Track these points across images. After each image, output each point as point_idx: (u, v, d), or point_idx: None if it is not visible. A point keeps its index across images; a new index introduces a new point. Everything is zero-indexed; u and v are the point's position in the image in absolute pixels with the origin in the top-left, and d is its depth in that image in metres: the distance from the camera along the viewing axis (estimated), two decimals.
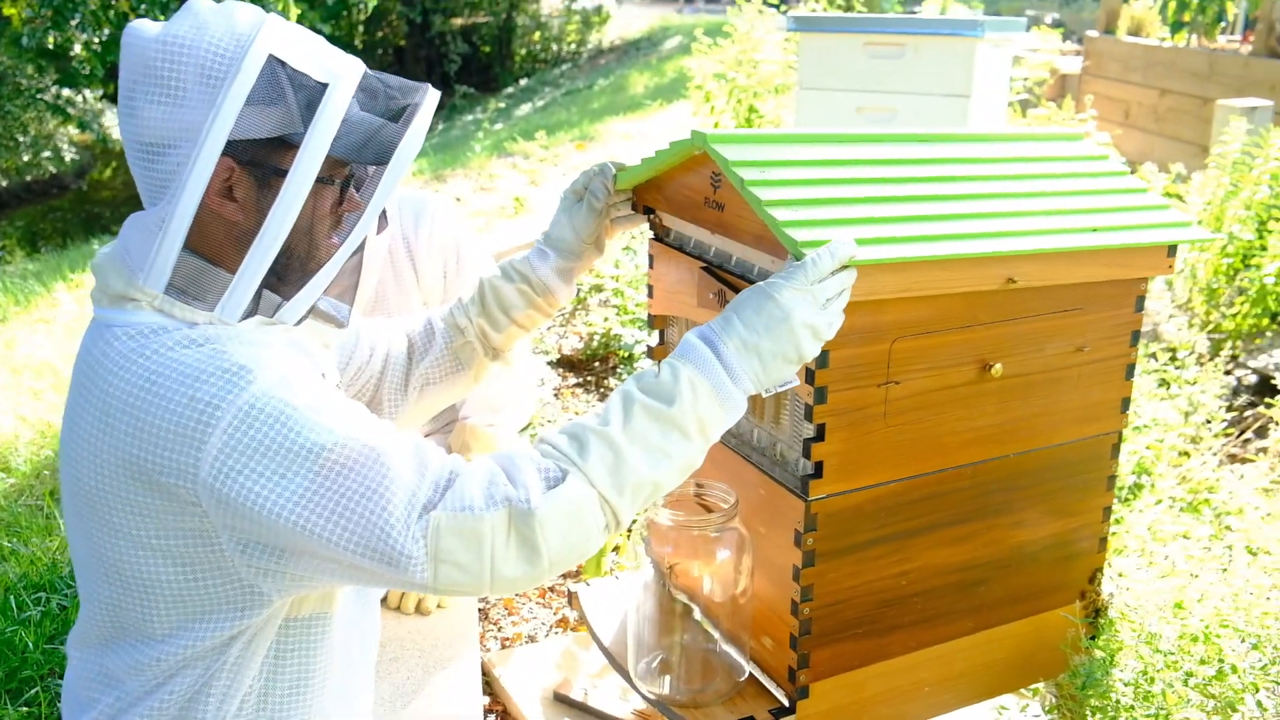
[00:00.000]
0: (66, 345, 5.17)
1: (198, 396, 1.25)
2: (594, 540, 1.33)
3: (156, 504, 1.29)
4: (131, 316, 1.32)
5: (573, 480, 1.30)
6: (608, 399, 1.40)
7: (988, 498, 1.80)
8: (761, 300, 1.41)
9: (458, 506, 1.26)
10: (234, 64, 1.27)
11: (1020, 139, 1.96)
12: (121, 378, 1.29)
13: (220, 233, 1.33)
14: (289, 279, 1.36)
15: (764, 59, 7.16)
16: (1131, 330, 1.85)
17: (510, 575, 1.28)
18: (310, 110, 1.29)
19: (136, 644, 1.38)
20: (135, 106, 1.29)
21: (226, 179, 1.30)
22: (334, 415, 1.28)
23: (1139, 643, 1.84)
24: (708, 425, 1.38)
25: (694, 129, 1.65)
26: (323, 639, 1.46)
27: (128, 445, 1.28)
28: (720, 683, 1.78)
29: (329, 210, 1.38)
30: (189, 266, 1.32)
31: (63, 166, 14.08)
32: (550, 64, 19.12)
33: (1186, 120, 6.73)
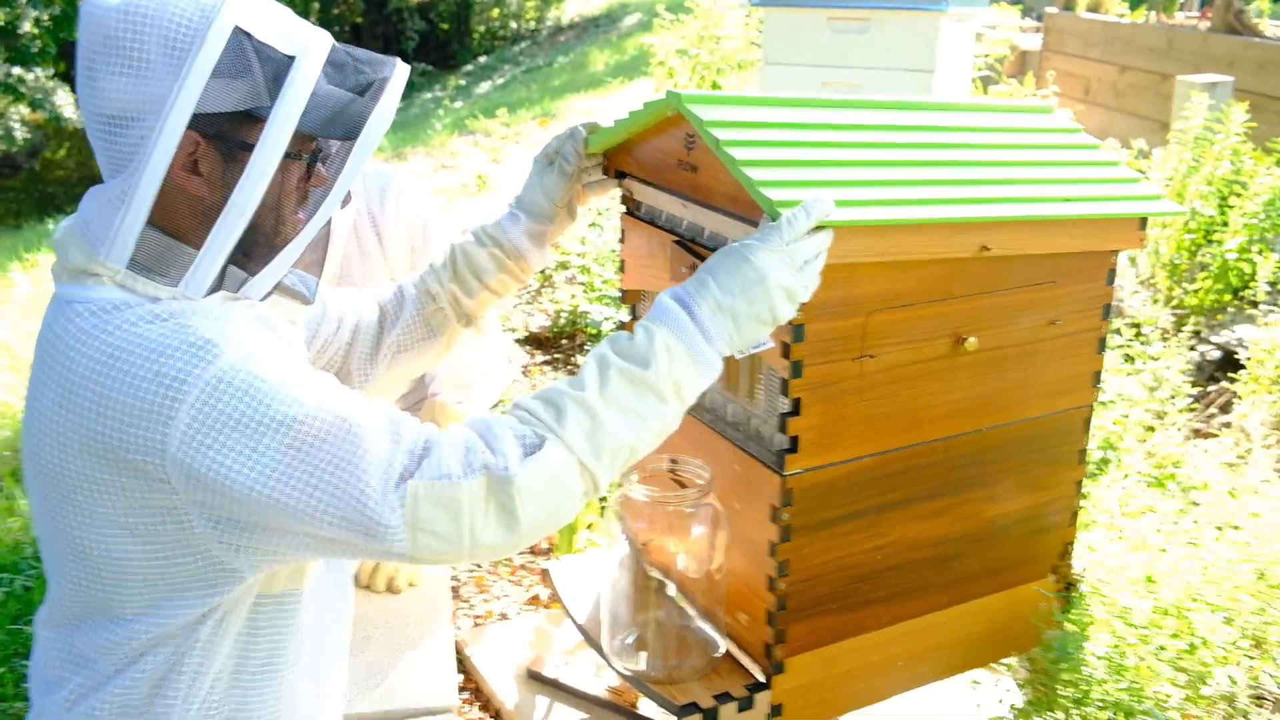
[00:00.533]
0: (22, 325, 5.07)
1: (163, 372, 1.22)
2: (572, 506, 1.31)
3: (123, 481, 1.26)
4: (92, 292, 1.28)
5: (550, 446, 1.28)
6: (583, 363, 1.39)
7: (961, 472, 1.80)
8: (736, 261, 1.40)
9: (435, 474, 1.24)
10: (199, 35, 1.23)
11: (993, 110, 1.95)
12: (83, 354, 1.26)
13: (184, 208, 1.29)
14: (255, 254, 1.32)
15: (726, 35, 7.14)
16: (1103, 304, 1.86)
17: (489, 542, 1.27)
18: (277, 83, 1.26)
19: (106, 623, 1.35)
20: (96, 78, 1.25)
21: (192, 153, 1.27)
22: (304, 387, 1.25)
23: (1111, 617, 1.85)
24: (683, 387, 1.36)
25: (669, 89, 1.63)
26: (294, 616, 1.44)
27: (92, 423, 1.24)
28: (696, 659, 1.77)
29: (296, 185, 1.35)
30: (152, 242, 1.28)
31: (15, 146, 13.82)
32: (509, 41, 18.97)
33: (1146, 96, 6.77)
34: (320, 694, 1.52)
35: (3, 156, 13.82)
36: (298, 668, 1.45)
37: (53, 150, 15.07)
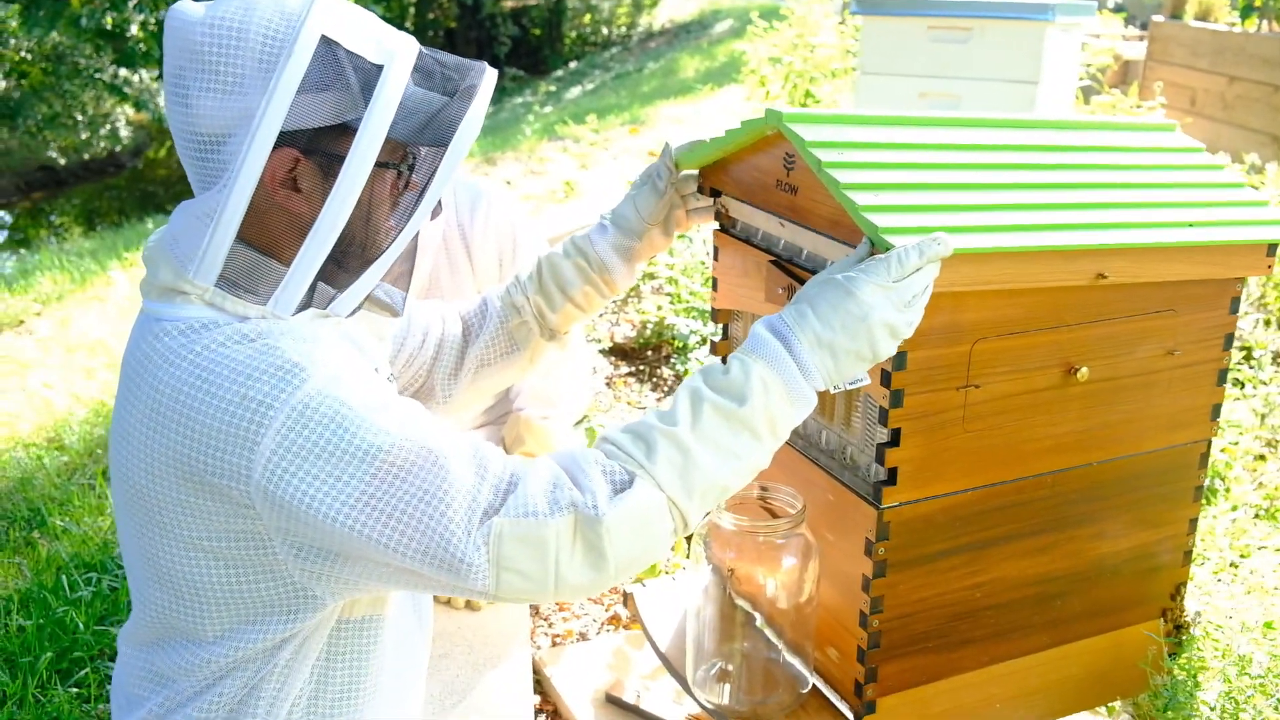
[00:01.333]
0: (120, 324, 5.18)
1: (250, 395, 1.20)
2: (662, 545, 1.28)
3: (207, 505, 1.24)
4: (181, 310, 1.27)
5: (640, 484, 1.25)
6: (674, 395, 1.34)
7: (1068, 508, 1.71)
8: (839, 295, 1.34)
9: (521, 512, 1.22)
10: (286, 46, 1.20)
11: (1108, 127, 1.86)
12: (171, 374, 1.24)
13: (275, 223, 1.27)
14: (346, 267, 1.30)
15: (820, 42, 7.04)
16: (1224, 333, 1.75)
17: (575, 583, 1.24)
18: (367, 92, 1.23)
19: (186, 644, 1.34)
20: (187, 95, 1.22)
21: (291, 170, 1.24)
22: (390, 415, 1.23)
23: (1225, 663, 1.75)
24: (778, 424, 1.32)
25: (768, 107, 1.58)
26: (374, 642, 1.42)
27: (178, 444, 1.23)
28: (782, 694, 1.71)
29: (387, 195, 1.32)
30: (241, 258, 1.26)
31: (120, 145, 14.22)
32: (600, 47, 19.05)
33: (1256, 108, 6.53)
34: (398, 713, 1.50)
35: (108, 156, 14.22)
36: (377, 694, 1.43)
37: (155, 150, 15.47)
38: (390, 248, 1.30)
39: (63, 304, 5.63)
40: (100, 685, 2.41)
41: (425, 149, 1.32)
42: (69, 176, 13.60)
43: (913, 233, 1.41)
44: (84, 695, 2.39)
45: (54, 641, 2.51)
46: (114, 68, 12.82)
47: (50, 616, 2.58)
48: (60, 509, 3.23)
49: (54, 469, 3.54)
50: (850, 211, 1.44)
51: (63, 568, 2.82)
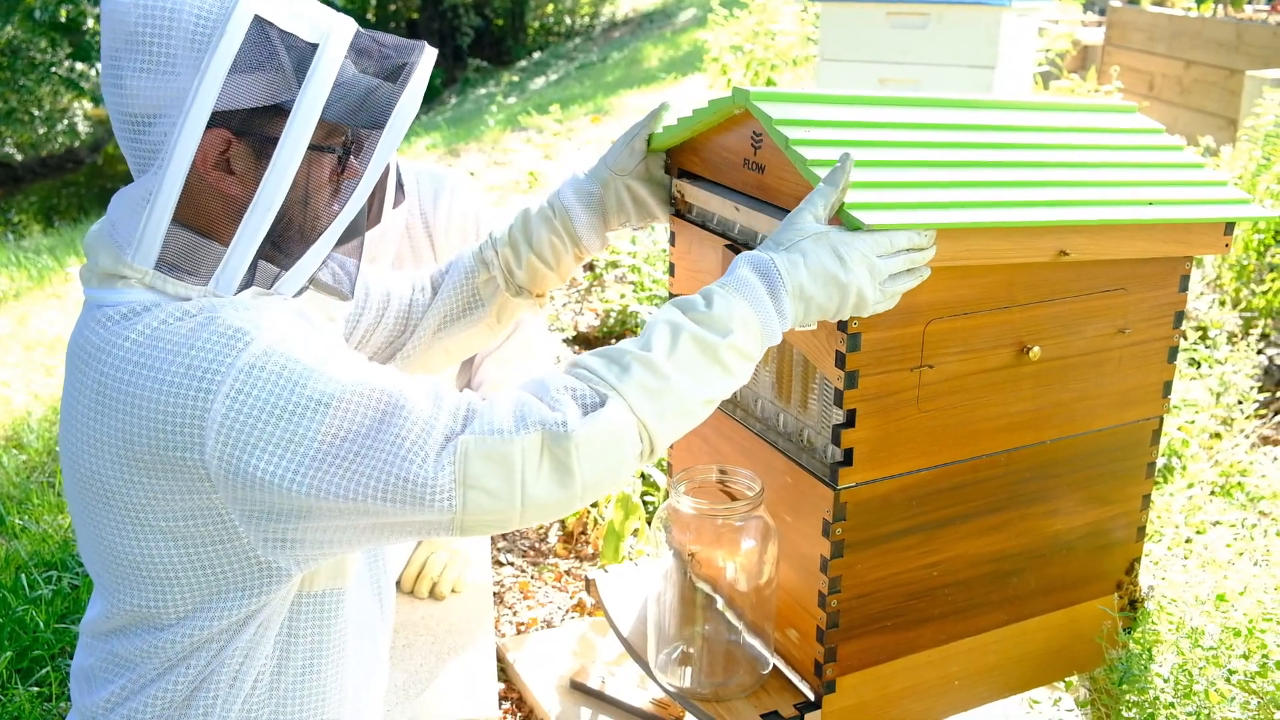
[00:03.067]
0: None
1: (195, 364, 1.19)
2: (628, 466, 1.28)
3: (160, 485, 1.23)
4: (121, 295, 1.26)
5: (612, 404, 1.25)
6: (648, 324, 1.33)
7: (1022, 486, 1.73)
8: (831, 258, 1.36)
9: (486, 430, 1.21)
10: (219, 26, 1.19)
11: (1069, 109, 1.88)
12: (114, 356, 1.23)
13: (213, 205, 1.26)
14: (287, 249, 1.30)
15: (781, 30, 7.05)
16: (1175, 311, 1.78)
17: (543, 501, 1.23)
18: (301, 72, 1.22)
19: (148, 629, 1.33)
20: (120, 76, 1.22)
21: (224, 151, 1.24)
22: (339, 363, 1.22)
23: (1178, 636, 1.78)
24: (746, 360, 1.34)
25: (736, 86, 1.58)
26: (335, 616, 1.41)
27: (127, 426, 1.22)
28: (743, 676, 1.72)
29: (328, 178, 1.31)
30: (179, 240, 1.26)
31: (78, 140, 14.06)
32: (564, 37, 18.98)
33: (1213, 92, 6.60)
34: (360, 697, 1.50)
35: (66, 151, 14.05)
36: (340, 669, 1.43)
37: (114, 145, 15.30)
38: (329, 230, 1.29)
39: (20, 301, 5.56)
40: (61, 684, 2.40)
41: (362, 131, 1.31)
42: (26, 173, 13.43)
43: (879, 209, 1.43)
44: (45, 694, 2.37)
45: (14, 640, 2.49)
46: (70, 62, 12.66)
47: (10, 615, 2.56)
48: (19, 508, 3.20)
49: (12, 468, 3.51)
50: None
51: (22, 566, 2.80)
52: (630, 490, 2.59)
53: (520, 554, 2.85)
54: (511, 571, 2.75)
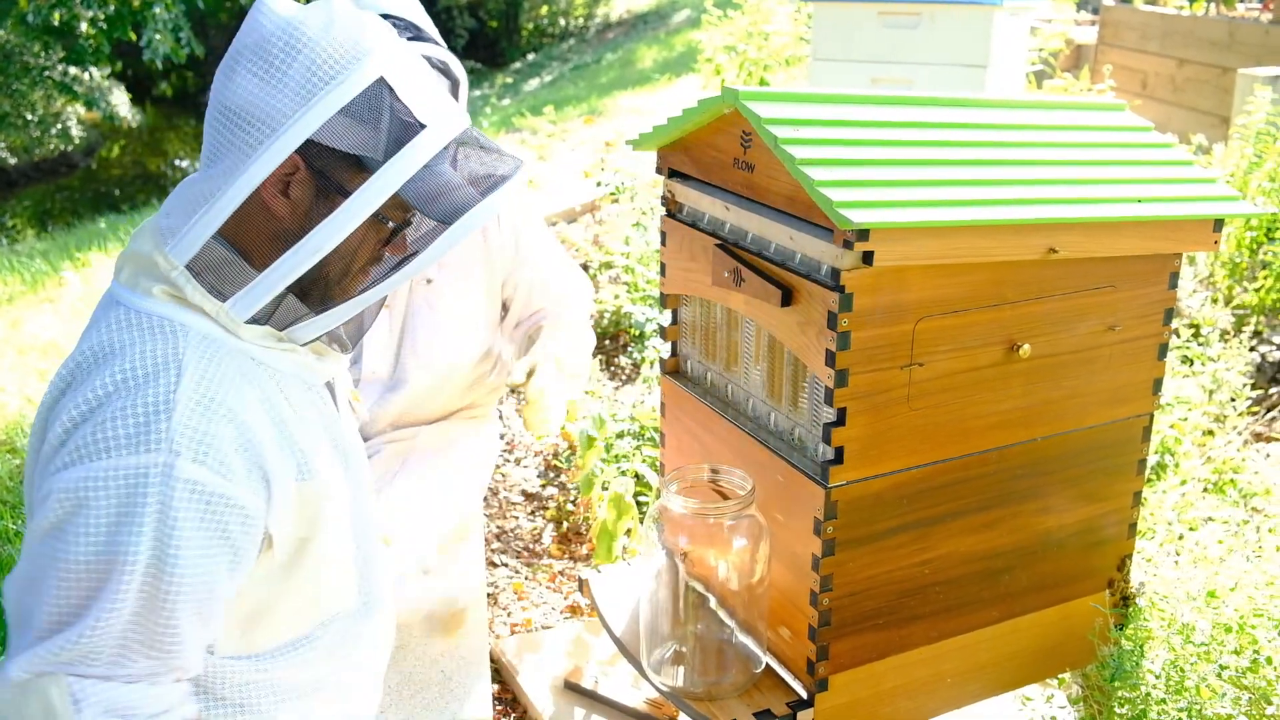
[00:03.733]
0: (73, 325, 5.12)
1: (101, 410, 1.19)
2: None
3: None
4: (140, 302, 1.26)
5: None
6: None
7: (1013, 483, 1.73)
8: None
9: (84, 699, 1.19)
10: (342, 70, 1.22)
11: (1059, 107, 1.88)
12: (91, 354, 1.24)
13: (260, 227, 1.27)
14: (313, 296, 1.30)
15: (775, 30, 7.05)
16: (1164, 308, 1.78)
17: None
18: (398, 144, 1.24)
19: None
20: (234, 70, 1.24)
21: (289, 174, 1.25)
22: (136, 590, 1.18)
23: (1170, 633, 1.78)
24: None
25: (726, 86, 1.59)
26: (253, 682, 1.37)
27: (48, 424, 1.24)
28: (736, 674, 1.73)
29: (374, 245, 1.31)
30: (214, 253, 1.26)
31: (71, 144, 14.02)
32: (558, 38, 18.97)
33: (1206, 90, 6.61)
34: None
35: (60, 155, 14.03)
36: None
37: (108, 149, 15.28)
38: (363, 295, 1.30)
39: (14, 306, 5.55)
40: None
41: (427, 219, 1.30)
42: (19, 177, 13.40)
43: (868, 207, 1.43)
44: None
45: (4, 646, 2.49)
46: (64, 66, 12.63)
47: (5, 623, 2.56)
48: (14, 513, 3.19)
49: (6, 472, 3.50)
50: (806, 187, 1.45)
51: None
52: (623, 490, 2.59)
53: (514, 555, 2.85)
54: (506, 573, 2.75)
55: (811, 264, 1.55)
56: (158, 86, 17.19)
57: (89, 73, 13.16)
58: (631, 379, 3.84)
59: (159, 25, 10.26)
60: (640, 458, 2.92)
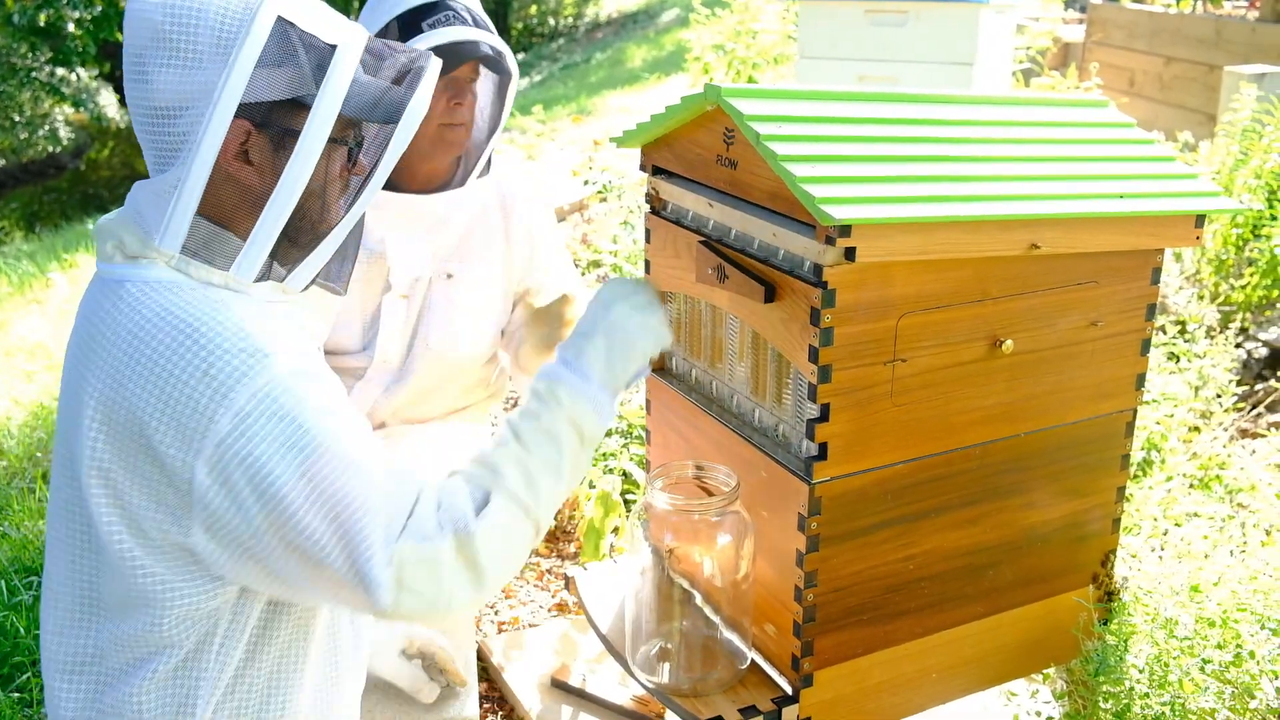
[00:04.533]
0: (60, 326, 5.11)
1: (213, 373, 1.24)
2: (525, 549, 1.40)
3: (149, 470, 1.27)
4: (146, 271, 1.32)
5: (496, 498, 1.37)
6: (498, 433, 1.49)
7: (997, 478, 1.74)
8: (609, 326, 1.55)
9: (419, 537, 1.30)
10: (244, 25, 1.27)
11: (1043, 103, 1.89)
12: (138, 328, 1.28)
13: (234, 197, 1.33)
14: (299, 242, 1.37)
15: (762, 29, 7.07)
16: (1147, 303, 1.79)
17: (461, 599, 1.33)
18: (321, 70, 1.31)
19: (111, 621, 1.36)
20: (146, 72, 1.28)
21: (243, 142, 1.30)
22: (336, 420, 1.29)
23: (1153, 627, 1.79)
24: (582, 426, 1.47)
25: (707, 83, 1.60)
26: (307, 625, 1.43)
27: (136, 400, 1.26)
28: (721, 671, 1.73)
29: (338, 173, 1.38)
30: (202, 231, 1.32)
31: (59, 146, 13.98)
32: (547, 38, 18.98)
33: (1193, 88, 6.63)
34: (319, 707, 1.50)
35: (48, 157, 13.99)
36: (301, 678, 1.44)
37: (97, 150, 15.23)
38: (342, 223, 1.37)
39: (0, 308, 5.54)
40: (42, 690, 2.39)
41: (374, 129, 1.39)
42: (7, 179, 13.36)
43: (850, 203, 1.43)
44: (25, 699, 2.36)
45: None
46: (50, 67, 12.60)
47: None
48: None
49: None
50: (789, 184, 1.46)
51: (2, 572, 2.79)
52: (610, 488, 2.59)
53: None
54: None
55: (794, 260, 1.56)
56: None
57: (76, 73, 13.13)
58: None
59: None
60: (628, 456, 2.93)
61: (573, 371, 1.49)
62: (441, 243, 2.24)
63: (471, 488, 1.38)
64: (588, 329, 1.53)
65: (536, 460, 1.41)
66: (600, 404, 1.49)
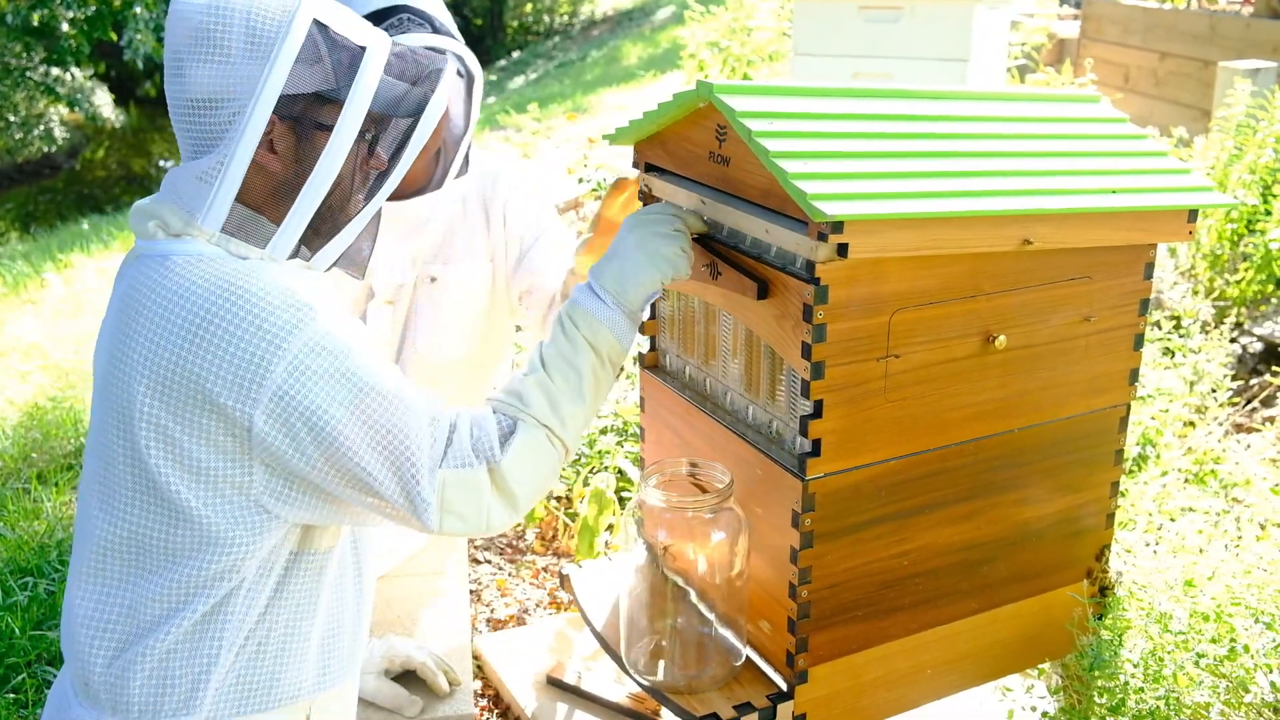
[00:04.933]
0: (55, 327, 5.11)
1: (266, 326, 1.34)
2: (554, 472, 1.52)
3: (202, 422, 1.36)
4: (189, 246, 1.41)
5: (522, 425, 1.49)
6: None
7: (991, 474, 1.74)
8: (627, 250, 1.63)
9: (459, 463, 1.44)
10: (282, 27, 1.38)
11: (1035, 99, 1.89)
12: (187, 294, 1.36)
13: (261, 183, 1.43)
14: (323, 229, 1.47)
15: (757, 26, 7.06)
16: (1140, 299, 1.79)
17: (499, 522, 1.47)
18: (351, 70, 1.42)
19: (150, 573, 1.42)
20: (183, 67, 1.38)
21: (269, 133, 1.40)
22: (377, 362, 1.42)
23: (1148, 622, 1.79)
24: (599, 346, 1.56)
25: (699, 80, 1.60)
26: (320, 578, 1.52)
27: (191, 360, 1.34)
28: (716, 668, 1.73)
29: (361, 165, 1.49)
30: (238, 214, 1.42)
31: (54, 146, 13.96)
32: (543, 36, 18.96)
33: (1187, 84, 6.63)
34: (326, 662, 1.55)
35: (43, 157, 13.96)
36: (311, 630, 1.51)
37: (92, 150, 15.21)
38: (364, 210, 1.48)
39: None
40: (38, 690, 2.38)
41: (395, 125, 1.50)
42: (2, 179, 13.34)
43: (842, 199, 1.43)
44: (21, 701, 2.36)
45: None
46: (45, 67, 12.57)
47: None
48: None
49: None
50: (780, 180, 1.45)
51: None
52: (604, 486, 2.59)
53: (498, 551, 2.85)
54: (489, 569, 2.75)
55: (787, 257, 1.56)
56: (141, 87, 17.13)
57: (71, 73, 13.11)
58: None
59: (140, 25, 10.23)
60: (622, 453, 2.93)
61: (590, 295, 1.58)
62: (423, 246, 2.24)
63: (500, 417, 1.50)
64: (610, 253, 1.63)
65: (559, 385, 1.52)
66: (616, 324, 1.57)
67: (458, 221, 2.30)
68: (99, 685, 1.44)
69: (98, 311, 5.29)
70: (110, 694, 1.43)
